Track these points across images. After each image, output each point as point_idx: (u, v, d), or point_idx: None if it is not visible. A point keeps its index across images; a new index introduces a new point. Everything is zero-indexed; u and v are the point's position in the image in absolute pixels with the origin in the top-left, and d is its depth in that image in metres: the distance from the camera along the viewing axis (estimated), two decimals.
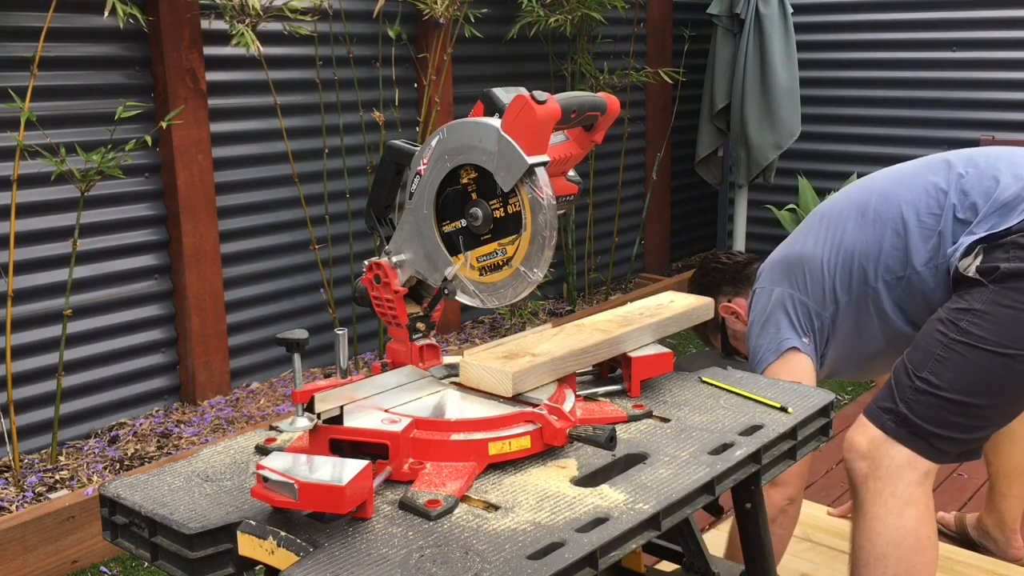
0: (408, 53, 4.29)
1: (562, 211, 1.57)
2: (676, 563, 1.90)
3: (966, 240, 1.97)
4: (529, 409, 1.53)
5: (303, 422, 1.40)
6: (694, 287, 2.54)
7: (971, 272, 1.93)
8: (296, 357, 1.43)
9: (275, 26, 3.56)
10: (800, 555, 2.66)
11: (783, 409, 1.72)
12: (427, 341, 1.67)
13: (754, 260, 2.50)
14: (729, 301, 2.47)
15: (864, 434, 2.01)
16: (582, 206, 5.20)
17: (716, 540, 2.57)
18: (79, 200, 3.13)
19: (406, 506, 1.35)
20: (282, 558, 1.27)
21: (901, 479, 1.93)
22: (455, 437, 1.46)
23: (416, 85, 4.35)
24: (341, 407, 1.45)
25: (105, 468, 3.22)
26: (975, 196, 2.01)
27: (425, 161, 1.58)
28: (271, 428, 1.65)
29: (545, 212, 1.47)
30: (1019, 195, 1.96)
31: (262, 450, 1.58)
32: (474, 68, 4.63)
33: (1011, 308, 1.87)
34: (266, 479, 1.28)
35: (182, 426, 3.55)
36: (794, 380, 1.98)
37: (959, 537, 2.86)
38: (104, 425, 3.53)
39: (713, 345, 2.62)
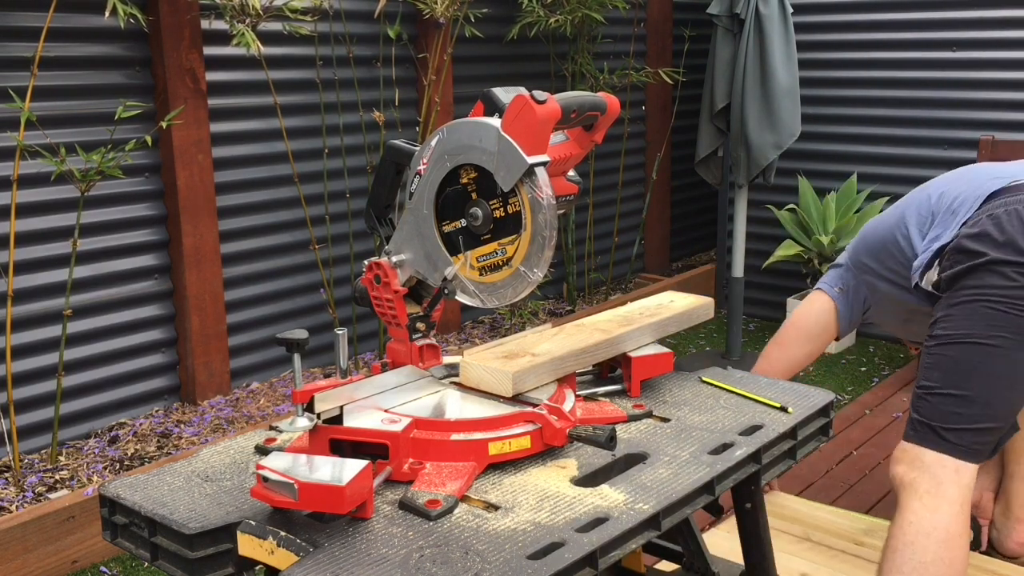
0: (408, 53, 4.29)
1: (562, 211, 1.57)
2: (676, 563, 1.90)
3: (923, 258, 2.26)
4: (529, 409, 1.53)
5: (303, 422, 1.40)
6: None
7: (929, 288, 2.23)
8: (296, 357, 1.43)
9: (275, 26, 3.56)
10: (800, 555, 2.66)
11: (783, 409, 1.73)
12: (427, 341, 1.67)
13: None
14: None
15: (899, 446, 2.17)
16: (582, 206, 5.19)
17: (716, 540, 2.57)
18: (79, 200, 3.13)
19: (406, 506, 1.36)
20: (282, 558, 1.27)
21: (934, 478, 2.05)
22: (455, 437, 1.46)
23: (416, 85, 4.35)
24: (341, 407, 1.46)
25: (105, 468, 3.22)
26: (937, 215, 2.32)
27: (425, 161, 1.58)
28: (271, 428, 1.65)
29: (545, 212, 1.47)
30: (963, 200, 2.23)
31: (262, 450, 1.58)
32: (474, 68, 4.63)
33: (960, 304, 2.11)
34: (266, 479, 1.28)
35: (182, 426, 3.55)
36: (807, 311, 2.69)
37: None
38: (104, 425, 3.53)
39: None
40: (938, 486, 2.04)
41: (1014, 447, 2.67)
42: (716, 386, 1.86)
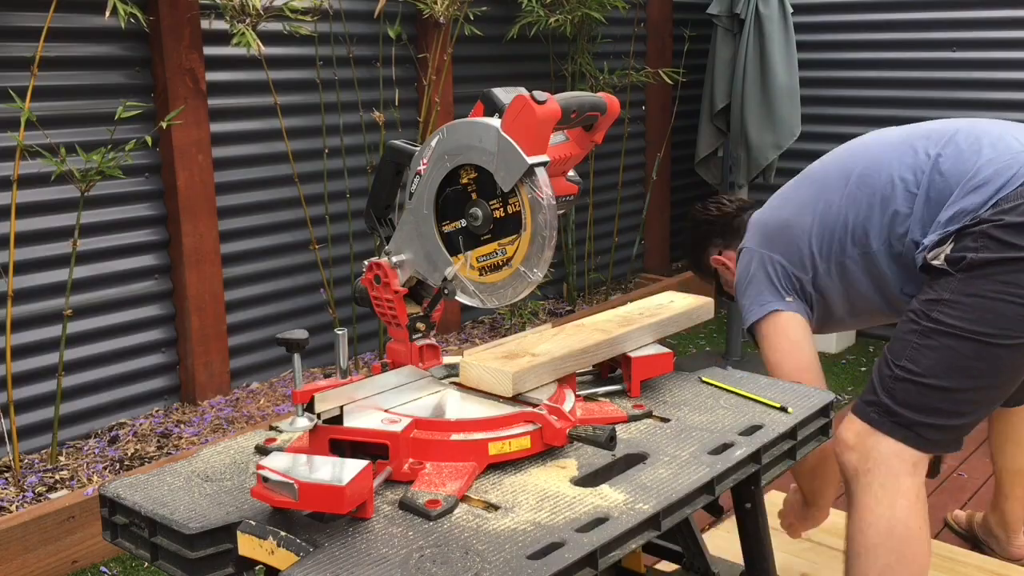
0: (408, 53, 4.29)
1: (562, 211, 1.57)
2: (676, 563, 1.90)
3: (934, 235, 1.99)
4: (529, 409, 1.53)
5: (303, 422, 1.40)
6: (686, 239, 2.71)
7: (939, 262, 1.95)
8: (296, 357, 1.43)
9: (275, 26, 3.56)
10: (800, 555, 2.66)
11: (783, 409, 1.73)
12: (427, 341, 1.67)
13: (745, 208, 2.58)
14: (719, 253, 2.58)
15: (851, 428, 2.02)
16: (582, 206, 5.19)
17: (716, 540, 2.57)
18: (79, 200, 3.13)
19: (406, 506, 1.36)
20: (282, 558, 1.27)
21: (890, 470, 1.95)
22: (455, 437, 1.46)
23: (416, 85, 4.35)
24: (341, 407, 1.46)
25: (105, 468, 3.22)
26: (950, 178, 2.01)
27: (425, 161, 1.58)
28: (271, 428, 1.66)
29: (545, 212, 1.47)
30: (989, 179, 1.95)
31: (262, 450, 1.58)
32: (474, 68, 4.63)
33: (977, 296, 1.90)
34: (266, 479, 1.28)
35: (182, 426, 3.55)
36: (786, 338, 2.18)
37: (968, 535, 2.87)
38: (104, 425, 3.53)
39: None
40: (894, 479, 1.95)
41: (1007, 471, 2.65)
42: (716, 386, 1.85)
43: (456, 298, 1.60)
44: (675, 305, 1.94)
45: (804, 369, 2.16)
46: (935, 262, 1.96)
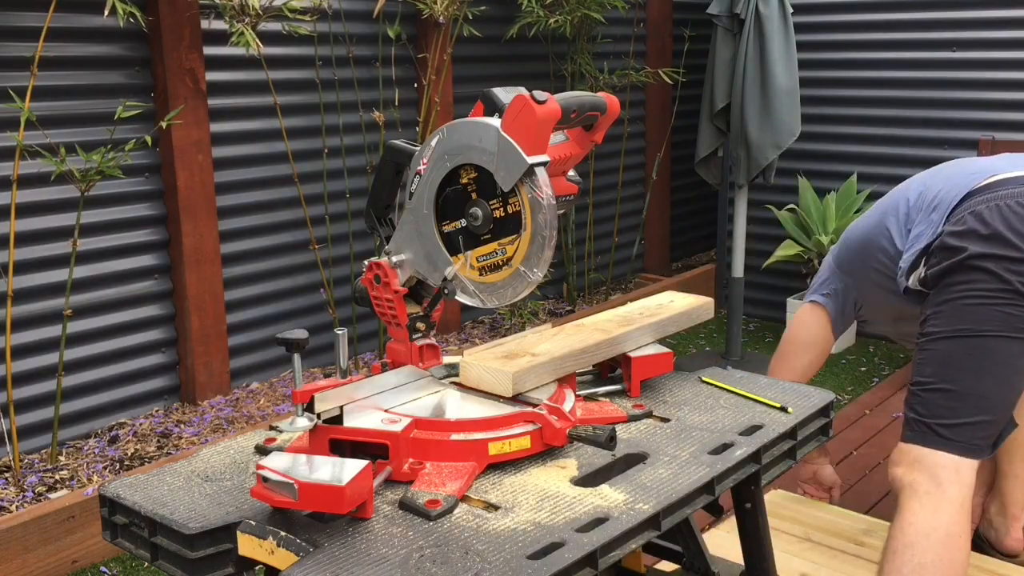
0: (408, 53, 4.29)
1: (562, 211, 1.57)
2: (676, 563, 1.90)
3: (908, 257, 2.25)
4: (529, 409, 1.53)
5: (303, 422, 1.40)
6: None
7: (914, 285, 2.22)
8: (296, 357, 1.43)
9: (275, 26, 3.56)
10: (800, 555, 2.66)
11: (783, 409, 1.73)
12: (427, 341, 1.67)
13: None
14: None
15: (897, 449, 2.16)
16: (582, 206, 5.19)
17: (716, 540, 2.57)
18: (79, 200, 3.13)
19: (406, 506, 1.36)
20: (282, 558, 1.27)
21: (934, 478, 2.04)
22: (455, 437, 1.46)
23: (416, 85, 4.35)
24: (341, 407, 1.45)
25: (105, 468, 3.22)
26: (918, 206, 2.32)
27: (425, 161, 1.58)
28: (271, 428, 1.65)
29: (545, 212, 1.47)
30: (943, 197, 2.22)
31: (262, 450, 1.58)
32: (474, 68, 4.63)
33: (948, 300, 2.12)
34: (266, 479, 1.28)
35: (182, 426, 3.55)
36: (800, 323, 2.72)
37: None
38: (104, 425, 3.53)
39: None
40: (938, 486, 2.03)
41: (1006, 447, 2.66)
42: (716, 386, 1.85)
43: (456, 298, 1.60)
44: (675, 305, 1.94)
45: (789, 339, 2.83)
46: (913, 286, 2.22)
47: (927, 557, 1.97)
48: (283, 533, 1.29)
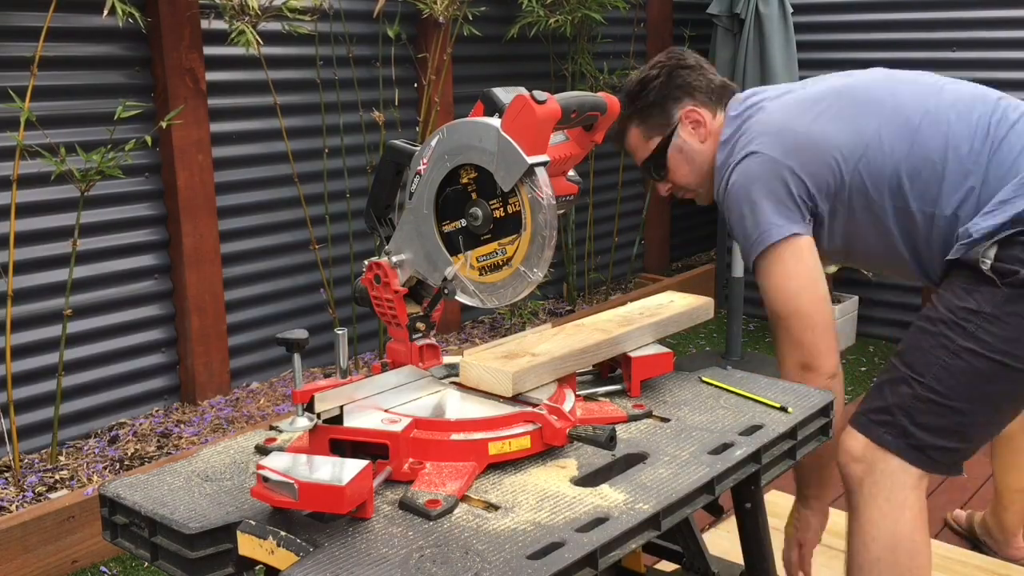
0: (408, 53, 4.29)
1: (562, 211, 1.57)
2: (676, 563, 1.90)
3: (982, 223, 1.81)
4: (529, 409, 1.53)
5: (303, 422, 1.40)
6: (653, 88, 2.15)
7: (985, 267, 1.78)
8: (296, 357, 1.43)
9: (275, 26, 3.56)
10: None
11: (783, 409, 1.73)
12: (427, 341, 1.67)
13: (729, 86, 2.22)
14: (695, 108, 2.14)
15: (858, 439, 1.95)
16: (582, 206, 5.19)
17: (716, 540, 2.57)
18: (79, 200, 3.12)
19: (406, 506, 1.36)
20: (282, 558, 1.27)
21: (895, 483, 1.90)
22: (455, 437, 1.46)
23: (416, 85, 4.35)
24: (341, 407, 1.46)
25: (105, 468, 3.22)
26: (1006, 168, 1.86)
27: (425, 161, 1.58)
28: (271, 428, 1.65)
29: (545, 212, 1.47)
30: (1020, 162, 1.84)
31: (262, 450, 1.58)
32: (474, 68, 4.63)
33: (1021, 316, 1.78)
34: (266, 479, 1.28)
35: (182, 426, 3.55)
36: (805, 265, 1.95)
37: (968, 534, 2.87)
38: (104, 425, 3.53)
39: (625, 147, 2.25)
40: (900, 492, 1.89)
41: (1008, 488, 2.66)
42: (716, 386, 1.85)
43: (456, 298, 1.60)
44: (675, 305, 1.94)
45: (822, 299, 1.97)
46: (982, 265, 1.79)
47: (895, 571, 1.91)
48: (283, 533, 1.29)
